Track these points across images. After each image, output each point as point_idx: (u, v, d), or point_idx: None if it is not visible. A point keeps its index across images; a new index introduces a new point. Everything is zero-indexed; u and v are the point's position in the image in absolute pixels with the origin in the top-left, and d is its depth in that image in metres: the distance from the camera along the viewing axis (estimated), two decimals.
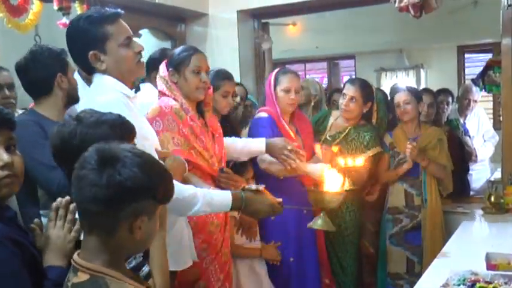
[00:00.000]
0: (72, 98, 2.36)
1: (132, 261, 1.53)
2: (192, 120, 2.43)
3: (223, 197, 2.08)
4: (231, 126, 3.13)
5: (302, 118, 3.30)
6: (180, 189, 1.91)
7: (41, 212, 2.06)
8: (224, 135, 2.75)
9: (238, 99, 3.47)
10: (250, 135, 3.10)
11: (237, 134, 3.12)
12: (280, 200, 2.18)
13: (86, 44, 1.94)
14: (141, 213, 1.23)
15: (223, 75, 2.96)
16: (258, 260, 3.02)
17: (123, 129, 1.58)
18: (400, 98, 3.46)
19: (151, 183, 1.24)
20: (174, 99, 2.43)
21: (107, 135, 1.47)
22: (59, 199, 1.55)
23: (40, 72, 2.29)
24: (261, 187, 2.16)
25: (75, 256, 1.28)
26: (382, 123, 3.52)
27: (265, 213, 2.17)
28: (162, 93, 2.49)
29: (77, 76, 2.52)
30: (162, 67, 2.51)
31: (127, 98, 1.99)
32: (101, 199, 1.19)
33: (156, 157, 1.91)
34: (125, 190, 1.19)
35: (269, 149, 2.76)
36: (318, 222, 2.30)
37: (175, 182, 1.86)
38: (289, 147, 2.73)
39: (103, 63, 1.97)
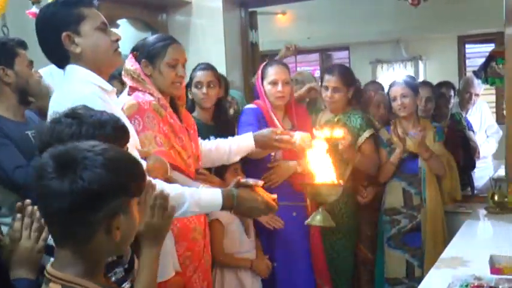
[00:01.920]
0: (25, 93, 2.29)
1: (111, 276, 1.51)
2: (171, 117, 2.40)
3: (212, 196, 2.05)
4: (224, 124, 3.13)
5: (301, 113, 3.29)
6: (166, 187, 1.88)
7: (5, 220, 2.02)
8: (219, 134, 2.75)
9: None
10: (237, 127, 3.14)
11: (233, 133, 3.10)
12: (274, 196, 2.15)
13: (58, 26, 1.92)
14: (116, 213, 1.20)
15: (198, 67, 3.05)
16: (250, 273, 3.01)
17: (123, 131, 1.58)
18: (397, 91, 3.46)
19: (120, 180, 1.20)
20: (150, 93, 2.38)
21: (110, 137, 1.47)
22: (19, 203, 1.52)
23: None
24: (260, 183, 2.14)
25: (48, 266, 1.26)
26: None
27: (259, 212, 2.15)
28: (133, 89, 2.42)
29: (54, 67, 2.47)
30: (130, 60, 2.45)
31: (104, 92, 1.96)
32: (67, 209, 1.16)
33: (138, 157, 1.90)
34: (91, 195, 1.16)
35: (258, 142, 2.71)
36: (317, 218, 2.24)
37: (159, 181, 1.87)
38: (278, 132, 2.70)
39: (77, 46, 1.94)
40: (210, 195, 2.06)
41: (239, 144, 2.73)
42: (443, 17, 6.48)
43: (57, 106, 1.84)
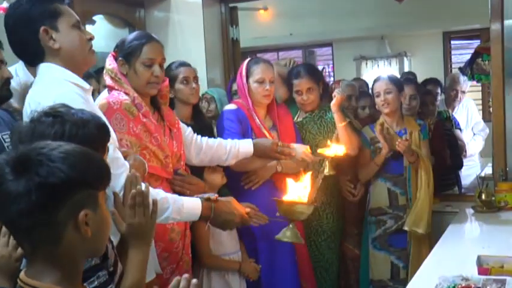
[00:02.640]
0: None
1: (94, 280, 1.49)
2: (145, 116, 2.39)
3: (193, 205, 2.12)
4: (204, 123, 3.13)
5: (282, 112, 3.30)
6: (151, 192, 1.87)
7: None
8: (198, 131, 2.74)
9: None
10: (217, 129, 3.13)
11: (212, 130, 3.14)
12: (248, 210, 2.30)
13: (34, 20, 1.92)
14: (82, 207, 1.17)
15: (177, 64, 3.04)
16: (237, 275, 3.00)
17: (105, 129, 1.58)
18: (381, 87, 3.46)
19: (79, 171, 1.17)
20: (125, 93, 2.38)
21: (93, 136, 1.48)
22: None
23: None
24: (213, 196, 2.22)
25: (21, 275, 1.22)
26: None
27: (233, 224, 2.29)
28: (111, 88, 2.43)
29: (20, 66, 2.43)
30: (109, 58, 2.46)
31: (82, 91, 1.96)
32: (27, 210, 1.12)
33: (121, 157, 1.90)
34: (50, 189, 1.13)
35: (257, 151, 2.81)
36: (287, 234, 2.33)
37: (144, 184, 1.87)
38: (279, 144, 2.84)
39: (56, 42, 1.95)
40: (192, 203, 2.13)
41: (239, 149, 2.80)
42: (428, 12, 6.54)
43: (36, 105, 1.82)
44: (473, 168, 4.55)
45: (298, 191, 2.32)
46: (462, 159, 4.23)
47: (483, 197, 3.46)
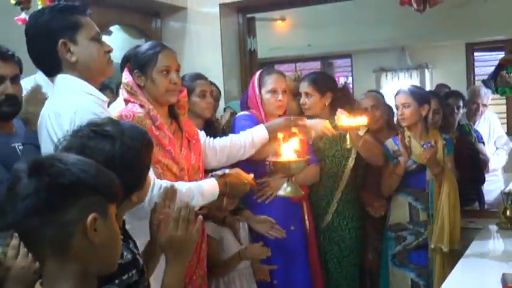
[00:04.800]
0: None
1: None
2: (159, 129, 2.42)
3: (212, 186, 2.33)
4: (216, 135, 3.15)
5: None
6: (176, 185, 2.05)
7: None
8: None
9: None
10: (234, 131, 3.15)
11: None
12: (251, 175, 2.51)
13: (54, 32, 1.96)
14: (91, 211, 1.19)
15: (194, 76, 3.07)
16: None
17: (151, 144, 1.69)
18: (399, 100, 3.47)
19: (89, 176, 1.21)
20: (140, 105, 2.42)
21: (141, 153, 1.61)
22: None
23: None
24: (227, 171, 2.47)
25: (37, 285, 1.25)
26: None
27: (244, 192, 2.51)
28: (127, 101, 2.47)
29: (40, 77, 2.47)
30: (124, 73, 2.51)
31: (101, 102, 2.01)
32: (35, 208, 1.15)
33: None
34: (58, 189, 1.16)
35: (273, 133, 2.85)
36: (288, 190, 2.56)
37: (168, 182, 2.05)
38: (292, 119, 2.96)
39: (73, 55, 1.99)
40: (210, 185, 2.33)
41: (253, 137, 2.86)
42: (450, 23, 6.50)
43: (55, 117, 1.89)
44: (496, 183, 4.52)
45: (290, 150, 2.53)
46: (484, 174, 4.20)
47: (508, 213, 3.44)
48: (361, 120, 2.97)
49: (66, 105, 1.90)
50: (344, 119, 2.96)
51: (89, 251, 1.21)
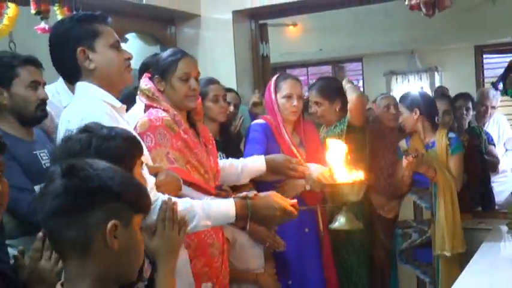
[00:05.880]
0: (23, 115, 2.28)
1: None
2: (185, 133, 2.43)
3: (225, 207, 2.07)
4: (231, 139, 3.16)
5: (309, 129, 3.31)
6: (179, 202, 1.92)
7: (8, 241, 2.02)
8: (226, 149, 2.76)
9: (231, 108, 3.51)
10: (245, 142, 3.16)
11: (238, 149, 3.15)
12: (294, 201, 2.16)
13: (73, 40, 1.97)
14: (112, 218, 1.20)
15: (207, 81, 3.05)
16: None
17: (134, 142, 1.64)
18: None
19: (117, 183, 1.23)
20: (164, 110, 2.42)
21: (121, 149, 1.53)
22: None
23: None
24: (252, 193, 2.14)
25: (57, 286, 1.26)
26: None
27: (276, 218, 2.15)
28: (148, 106, 2.47)
29: (60, 84, 2.50)
30: (144, 79, 2.51)
31: (112, 109, 2.00)
32: (62, 207, 1.19)
33: (147, 173, 1.93)
34: (85, 192, 1.19)
35: (270, 167, 2.79)
36: (341, 221, 2.23)
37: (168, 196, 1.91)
38: (293, 161, 2.80)
39: (91, 62, 1.99)
40: (222, 206, 2.08)
41: (250, 167, 2.79)
42: (459, 26, 6.47)
43: (66, 124, 1.90)
44: (505, 184, 4.48)
45: (343, 174, 2.23)
46: (489, 175, 4.17)
47: None
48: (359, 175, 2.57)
49: (75, 113, 1.92)
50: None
51: (108, 256, 1.22)
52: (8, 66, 2.26)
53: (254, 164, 2.79)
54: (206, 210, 2.02)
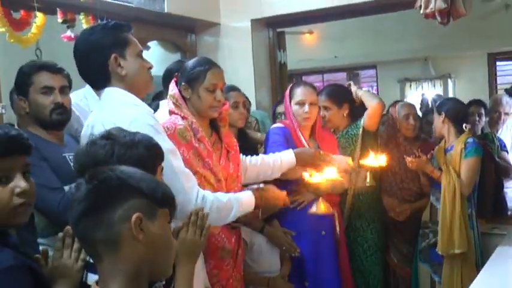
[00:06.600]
0: (40, 120, 2.29)
1: None
2: (200, 141, 2.43)
3: (248, 198, 2.29)
4: (249, 144, 3.17)
5: (327, 136, 3.31)
6: (216, 196, 2.13)
7: (40, 240, 2.06)
8: (243, 152, 2.78)
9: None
10: (265, 145, 3.18)
11: (256, 151, 3.16)
12: (285, 192, 2.48)
13: (108, 47, 2.02)
14: (135, 212, 1.21)
15: (227, 88, 3.04)
16: None
17: (156, 149, 1.65)
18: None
19: (132, 178, 1.25)
20: (183, 117, 2.43)
21: (143, 157, 1.56)
22: (66, 227, 1.57)
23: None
24: (261, 185, 2.45)
25: (93, 284, 1.29)
26: None
27: (276, 207, 2.48)
28: (171, 112, 2.48)
29: (89, 90, 2.51)
30: (172, 84, 2.52)
31: (153, 115, 2.07)
32: (86, 211, 1.22)
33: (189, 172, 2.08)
34: (103, 190, 1.22)
35: (300, 160, 2.83)
36: (322, 207, 2.69)
37: (208, 192, 2.09)
38: (321, 152, 2.89)
39: (123, 69, 2.04)
40: (247, 197, 2.29)
41: (281, 160, 2.82)
42: (472, 34, 6.44)
43: (110, 126, 1.91)
44: None
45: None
46: (502, 181, 4.14)
47: None
48: (382, 159, 3.02)
49: (122, 116, 1.93)
50: (367, 159, 3.01)
51: (138, 250, 1.23)
52: (26, 75, 2.28)
53: (285, 157, 2.83)
54: (239, 202, 2.22)
